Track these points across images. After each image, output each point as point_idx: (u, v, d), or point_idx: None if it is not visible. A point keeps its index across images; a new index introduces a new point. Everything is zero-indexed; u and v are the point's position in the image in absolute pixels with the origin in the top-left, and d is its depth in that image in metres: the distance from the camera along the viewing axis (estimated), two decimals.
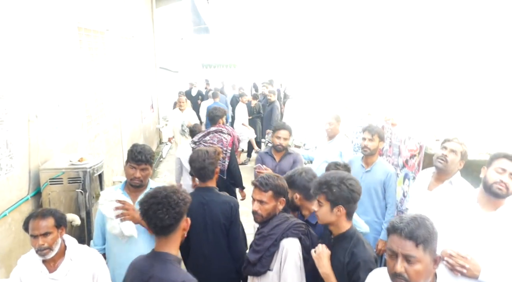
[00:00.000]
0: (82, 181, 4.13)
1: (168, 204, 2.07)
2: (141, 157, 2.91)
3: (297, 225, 2.56)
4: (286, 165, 4.25)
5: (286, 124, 4.38)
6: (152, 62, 12.13)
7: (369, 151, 3.90)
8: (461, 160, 3.05)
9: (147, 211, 2.08)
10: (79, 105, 5.43)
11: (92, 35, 6.29)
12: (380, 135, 3.90)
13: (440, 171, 3.09)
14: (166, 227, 2.07)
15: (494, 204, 2.47)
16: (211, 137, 5.01)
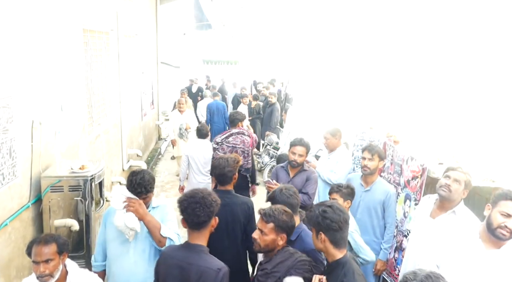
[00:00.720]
0: (82, 189, 4.13)
1: (204, 203, 2.47)
2: (141, 189, 2.87)
3: (302, 262, 2.50)
4: (299, 182, 4.22)
5: (304, 141, 4.28)
6: (154, 58, 12.07)
7: (369, 171, 3.88)
8: (464, 189, 3.02)
9: (186, 208, 2.48)
10: (81, 108, 5.41)
11: (96, 36, 6.25)
12: (380, 154, 3.88)
13: (443, 199, 3.08)
14: (201, 223, 2.49)
15: (497, 242, 2.48)
16: (233, 138, 5.36)
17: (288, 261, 2.50)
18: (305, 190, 4.18)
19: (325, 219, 2.34)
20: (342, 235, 2.36)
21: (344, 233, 2.38)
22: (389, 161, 4.41)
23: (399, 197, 4.10)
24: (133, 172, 2.95)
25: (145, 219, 2.79)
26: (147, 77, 10.82)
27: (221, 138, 5.40)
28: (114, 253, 2.98)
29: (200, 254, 2.48)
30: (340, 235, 2.35)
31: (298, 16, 14.12)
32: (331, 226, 2.32)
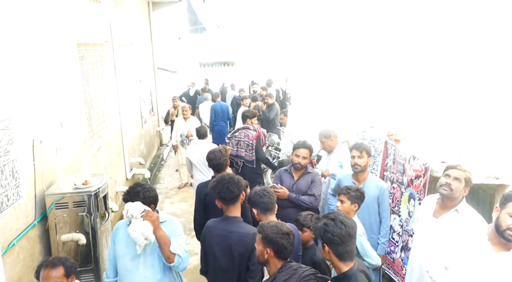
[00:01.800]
0: (87, 205, 4.14)
1: (233, 181, 3.02)
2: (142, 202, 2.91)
3: (306, 278, 2.43)
4: (304, 184, 4.22)
5: (307, 143, 4.30)
6: (150, 65, 12.09)
7: (360, 168, 3.94)
8: (465, 187, 3.02)
9: (221, 188, 2.99)
10: (81, 122, 5.42)
11: (91, 49, 6.27)
12: (368, 151, 3.94)
13: (445, 198, 3.07)
14: (235, 197, 3.02)
15: (506, 244, 2.46)
16: (239, 133, 5.97)
17: (293, 279, 2.44)
18: (311, 192, 4.18)
19: (326, 232, 2.33)
20: (346, 248, 2.32)
21: (348, 246, 2.33)
22: (391, 160, 4.41)
23: (403, 196, 4.10)
24: (131, 186, 3.02)
25: (158, 232, 2.84)
26: (145, 84, 10.83)
27: (231, 133, 6.10)
28: (124, 269, 3.01)
29: (238, 223, 3.04)
30: (343, 249, 2.31)
31: (294, 12, 14.09)
32: (333, 240, 2.31)
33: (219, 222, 3.10)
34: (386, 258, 4.41)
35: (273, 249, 2.51)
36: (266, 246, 2.52)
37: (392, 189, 4.44)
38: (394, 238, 4.26)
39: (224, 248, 3.08)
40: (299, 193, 4.19)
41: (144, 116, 10.41)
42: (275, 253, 2.51)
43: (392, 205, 4.44)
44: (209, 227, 3.14)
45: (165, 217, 3.13)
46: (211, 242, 3.07)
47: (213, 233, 3.08)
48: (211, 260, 3.14)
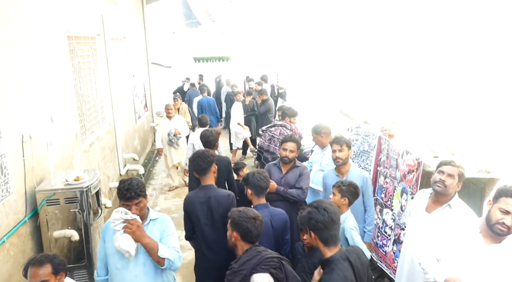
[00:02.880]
0: (79, 201, 4.10)
1: (203, 156, 3.65)
2: (131, 193, 2.85)
3: (268, 259, 2.58)
4: (292, 178, 4.25)
5: (294, 137, 4.35)
6: (144, 60, 11.99)
7: (341, 161, 4.02)
8: (458, 182, 3.05)
9: (193, 161, 3.67)
10: (73, 117, 5.37)
11: (82, 42, 6.19)
12: (347, 144, 4.02)
13: (438, 194, 3.08)
14: (204, 169, 3.64)
15: (497, 237, 2.49)
16: (275, 129, 6.02)
17: (255, 259, 2.59)
18: (299, 185, 4.22)
19: (310, 219, 2.50)
20: (330, 233, 2.46)
21: (332, 231, 2.46)
22: (384, 155, 4.40)
23: (396, 190, 4.10)
24: (120, 181, 2.98)
25: (142, 241, 2.82)
26: (138, 79, 10.75)
27: (266, 127, 6.16)
28: (115, 267, 2.97)
29: (213, 189, 3.65)
30: (327, 234, 2.45)
31: (289, 7, 14.02)
32: (317, 226, 2.46)
33: (197, 192, 3.70)
34: (378, 251, 4.47)
35: (239, 232, 2.70)
36: (234, 229, 2.72)
37: (385, 183, 4.44)
38: (387, 231, 4.27)
39: (207, 213, 3.58)
40: (287, 186, 4.22)
41: (138, 112, 10.35)
42: (241, 236, 2.70)
43: (385, 199, 4.44)
44: (189, 198, 3.67)
45: (156, 215, 3.11)
46: (192, 208, 3.58)
47: (192, 201, 3.61)
48: (198, 227, 3.61)
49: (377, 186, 4.69)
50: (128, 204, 2.88)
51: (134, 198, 2.87)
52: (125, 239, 2.79)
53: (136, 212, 2.88)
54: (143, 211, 2.99)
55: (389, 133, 4.34)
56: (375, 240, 4.65)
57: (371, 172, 4.78)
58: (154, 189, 8.69)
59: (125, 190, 2.85)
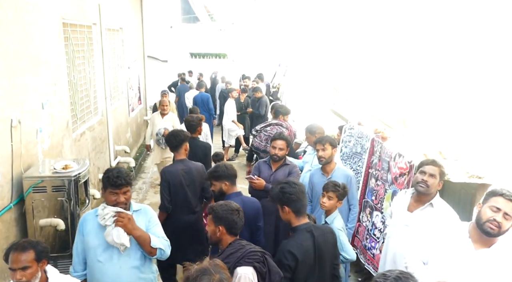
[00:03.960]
0: (66, 189, 4.03)
1: (173, 135, 4.33)
2: (121, 180, 2.78)
3: (252, 253, 2.58)
4: (281, 176, 4.24)
5: (284, 135, 4.36)
6: (140, 53, 11.89)
7: (325, 160, 4.06)
8: (440, 181, 3.10)
9: (167, 139, 4.37)
10: (64, 105, 5.29)
11: (78, 30, 6.12)
12: (331, 143, 4.05)
13: (421, 194, 3.13)
14: (174, 146, 4.29)
15: (487, 240, 2.47)
16: (271, 128, 5.96)
17: (238, 253, 2.58)
18: None
19: (284, 193, 2.79)
20: (302, 203, 2.80)
21: (303, 201, 2.81)
22: (376, 157, 4.39)
23: (386, 193, 4.09)
24: (107, 169, 2.95)
25: (134, 234, 2.79)
26: (134, 72, 10.66)
27: (260, 127, 6.05)
28: (96, 260, 2.89)
29: (188, 162, 4.29)
30: (300, 204, 2.79)
31: (288, 5, 14.00)
32: (291, 197, 2.76)
33: (176, 164, 4.31)
34: (366, 253, 4.48)
35: (225, 225, 2.68)
36: (218, 224, 2.69)
37: (376, 186, 4.44)
38: (376, 234, 4.27)
39: (190, 183, 4.16)
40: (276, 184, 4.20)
41: (132, 104, 10.26)
42: (227, 229, 2.68)
43: (375, 202, 4.44)
44: (170, 171, 4.21)
45: (139, 206, 3.06)
46: (173, 181, 4.11)
47: (177, 174, 4.14)
48: (180, 194, 4.13)
49: (368, 189, 4.69)
50: (117, 192, 2.81)
51: (123, 185, 2.80)
52: (118, 232, 2.76)
53: (124, 200, 2.83)
54: (129, 201, 2.93)
55: (382, 135, 4.34)
56: (363, 242, 4.64)
57: (363, 174, 4.78)
58: (144, 183, 8.62)
59: (115, 177, 2.79)
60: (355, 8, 6.71)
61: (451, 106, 3.70)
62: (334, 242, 2.90)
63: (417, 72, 4.42)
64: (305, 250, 2.70)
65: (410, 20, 4.63)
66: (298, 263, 2.68)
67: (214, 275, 1.86)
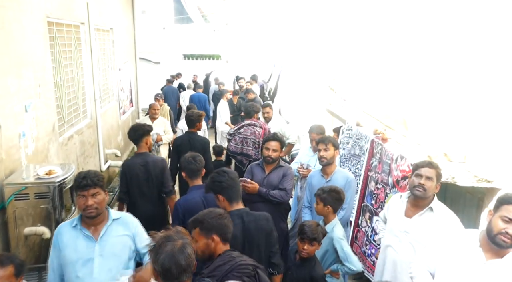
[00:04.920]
0: (50, 196, 3.81)
1: (133, 129, 4.53)
2: (86, 181, 2.57)
3: (242, 266, 2.35)
4: (275, 178, 4.07)
5: (277, 135, 4.18)
6: (132, 54, 11.67)
7: (326, 161, 3.87)
8: (437, 184, 2.93)
9: (129, 134, 4.57)
10: (50, 108, 5.07)
11: (65, 30, 5.91)
12: (334, 143, 3.88)
13: (418, 198, 2.95)
14: (135, 140, 4.52)
15: (499, 251, 2.29)
16: (245, 130, 5.78)
17: (227, 265, 2.34)
18: (282, 186, 4.04)
19: (214, 182, 2.88)
20: (233, 190, 2.86)
21: (235, 188, 2.87)
22: (376, 159, 4.21)
23: (388, 197, 3.90)
24: (78, 173, 2.73)
25: None
26: (125, 74, 10.44)
27: (233, 130, 5.86)
28: (74, 276, 2.66)
29: (148, 155, 4.49)
30: (231, 191, 2.86)
31: (282, 6, 13.84)
32: (222, 185, 2.84)
33: (134, 158, 4.51)
34: (366, 260, 4.30)
35: (217, 232, 2.46)
36: (209, 234, 2.45)
37: (376, 189, 4.26)
38: (376, 240, 4.07)
39: (145, 173, 4.32)
40: (270, 187, 4.04)
41: (123, 107, 10.04)
42: (220, 236, 2.47)
43: (375, 206, 4.26)
44: (127, 164, 4.48)
45: (118, 214, 2.85)
46: (134, 171, 4.33)
47: (134, 167, 4.34)
48: (136, 186, 4.33)
49: (367, 192, 4.51)
50: (84, 194, 2.57)
51: (90, 186, 2.57)
52: None
53: (93, 203, 2.58)
54: (102, 206, 2.67)
55: (382, 136, 4.16)
56: (362, 248, 4.46)
57: (362, 176, 4.60)
58: None
59: (81, 178, 2.59)
60: (351, 4, 6.54)
61: (456, 105, 3.51)
62: (269, 229, 2.89)
63: (418, 69, 4.23)
64: (232, 235, 2.61)
65: (409, 14, 4.44)
66: None
67: (177, 241, 1.96)
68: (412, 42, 4.36)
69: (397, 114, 4.60)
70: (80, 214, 2.73)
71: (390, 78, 4.86)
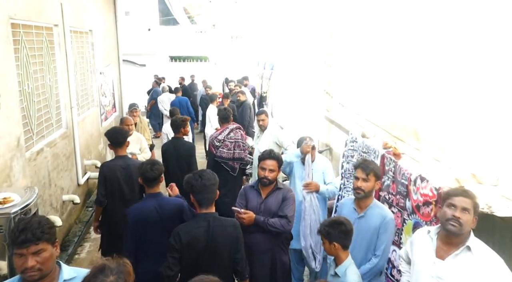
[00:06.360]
0: (4, 231, 3.20)
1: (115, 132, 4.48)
2: (25, 235, 1.94)
3: None
4: (274, 203, 3.47)
5: (274, 153, 3.54)
6: (114, 57, 11.08)
7: (363, 193, 3.14)
8: (474, 217, 2.37)
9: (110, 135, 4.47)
10: (14, 119, 4.45)
11: (34, 32, 5.32)
12: (376, 173, 3.15)
13: (452, 234, 2.39)
14: (118, 143, 4.43)
15: None
16: (234, 133, 5.59)
17: None
18: (283, 213, 3.42)
19: (188, 183, 2.91)
20: (203, 196, 2.87)
21: (205, 195, 2.87)
22: (389, 178, 3.65)
23: (405, 224, 3.34)
24: (17, 219, 2.18)
25: None
26: (107, 77, 9.85)
27: (222, 136, 5.57)
28: None
29: (128, 158, 4.49)
30: (201, 196, 2.87)
31: (271, 6, 13.33)
32: (193, 189, 2.88)
33: (115, 160, 4.43)
34: None
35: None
36: None
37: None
38: (394, 275, 3.48)
39: (127, 179, 4.29)
40: (268, 214, 3.44)
41: (105, 113, 9.45)
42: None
43: None
44: (108, 166, 4.38)
45: (73, 272, 2.17)
46: (115, 174, 4.26)
47: (115, 169, 4.28)
48: (116, 189, 4.28)
49: None
50: (22, 253, 1.94)
51: (31, 241, 1.94)
52: None
53: (35, 265, 1.95)
54: (48, 265, 2.03)
55: (394, 152, 3.60)
56: None
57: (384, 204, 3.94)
58: None
59: (19, 230, 1.95)
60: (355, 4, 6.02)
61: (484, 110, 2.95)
62: (235, 235, 2.91)
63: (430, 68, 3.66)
64: (193, 235, 2.81)
65: (425, 8, 3.90)
66: (183, 246, 2.79)
67: (109, 277, 1.74)
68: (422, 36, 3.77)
69: (405, 122, 4.02)
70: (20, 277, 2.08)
71: (395, 79, 4.28)
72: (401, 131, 4.07)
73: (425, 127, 3.64)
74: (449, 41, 3.39)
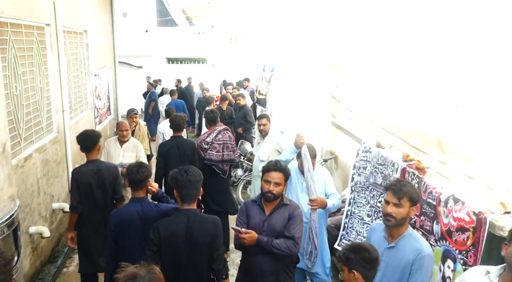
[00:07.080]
0: None
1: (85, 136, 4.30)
2: None
3: None
4: (279, 221, 3.09)
5: (280, 164, 3.17)
6: (110, 58, 10.76)
7: (394, 221, 2.64)
8: None
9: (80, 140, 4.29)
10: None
11: (23, 32, 4.99)
12: (411, 197, 2.61)
13: None
14: (86, 148, 4.25)
15: None
16: (222, 135, 5.49)
17: None
18: (289, 233, 3.04)
19: (172, 178, 2.91)
20: (187, 192, 2.88)
21: (188, 191, 2.87)
22: None
23: (433, 250, 2.96)
24: None
25: None
26: (102, 79, 9.52)
27: (210, 138, 5.48)
28: None
29: (99, 162, 4.35)
30: (185, 192, 2.88)
31: (269, 8, 13.04)
32: (177, 184, 2.88)
33: (87, 165, 4.27)
34: None
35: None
36: None
37: None
38: None
39: (99, 184, 4.20)
40: (272, 233, 3.07)
41: (99, 116, 9.12)
42: None
43: None
44: (79, 171, 4.23)
45: None
46: (87, 179, 4.13)
47: (86, 174, 4.16)
48: (88, 194, 4.16)
49: None
50: None
51: None
52: None
53: None
54: None
55: (417, 165, 3.22)
56: None
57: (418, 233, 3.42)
58: None
59: None
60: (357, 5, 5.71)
61: None
62: (214, 233, 2.87)
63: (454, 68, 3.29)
64: (172, 230, 2.82)
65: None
66: (162, 240, 2.80)
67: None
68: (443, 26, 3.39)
69: (427, 130, 3.62)
70: None
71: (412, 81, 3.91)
72: (421, 141, 3.66)
73: (452, 136, 3.21)
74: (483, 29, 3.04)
